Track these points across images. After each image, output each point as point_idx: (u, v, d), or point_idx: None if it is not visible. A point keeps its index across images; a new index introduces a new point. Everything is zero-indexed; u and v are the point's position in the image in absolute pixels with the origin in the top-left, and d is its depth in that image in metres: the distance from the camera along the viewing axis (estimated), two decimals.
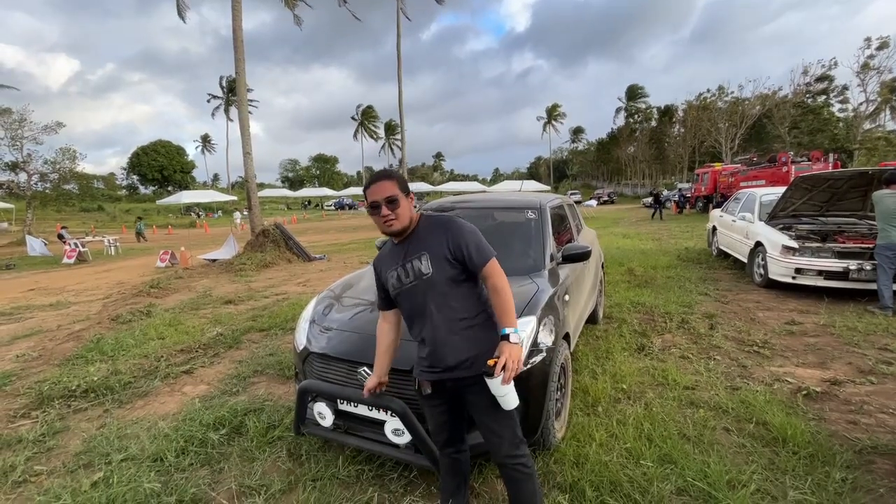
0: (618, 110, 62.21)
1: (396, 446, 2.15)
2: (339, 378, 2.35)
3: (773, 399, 3.01)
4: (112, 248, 16.51)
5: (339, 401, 2.28)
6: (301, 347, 2.61)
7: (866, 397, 3.07)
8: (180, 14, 15.01)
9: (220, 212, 44.39)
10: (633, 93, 61.00)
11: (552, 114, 73.22)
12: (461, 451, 1.88)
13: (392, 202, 1.59)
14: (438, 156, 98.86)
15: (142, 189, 66.95)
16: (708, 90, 41.86)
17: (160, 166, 62.34)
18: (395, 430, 2.11)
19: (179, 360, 4.18)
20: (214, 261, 11.30)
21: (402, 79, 24.65)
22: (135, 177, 65.53)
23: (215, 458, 2.56)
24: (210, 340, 4.71)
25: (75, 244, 14.41)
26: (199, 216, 42.91)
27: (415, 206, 1.74)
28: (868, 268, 5.13)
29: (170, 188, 62.00)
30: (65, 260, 13.79)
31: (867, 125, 34.40)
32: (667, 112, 52.67)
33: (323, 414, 2.28)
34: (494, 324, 1.64)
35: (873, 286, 5.01)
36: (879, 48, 31.23)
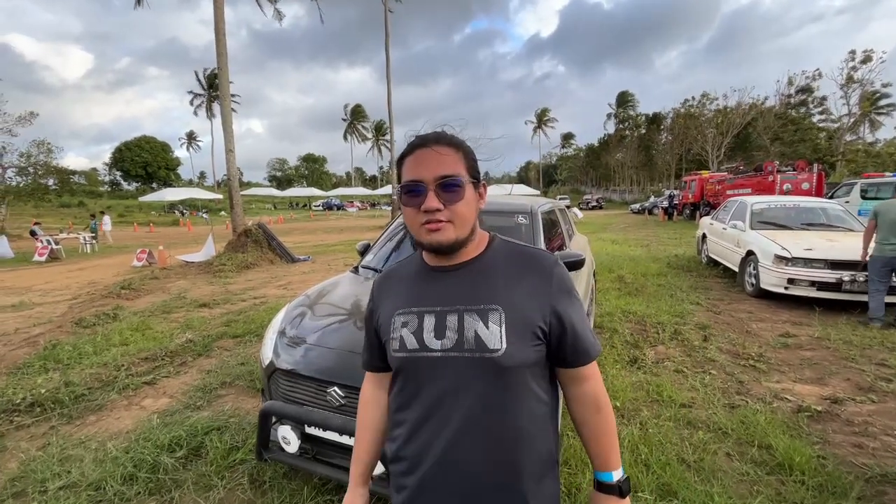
0: (608, 116, 62.92)
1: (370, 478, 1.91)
2: (306, 398, 2.10)
3: (774, 419, 2.84)
4: (88, 245, 15.91)
5: (305, 424, 2.04)
6: (266, 362, 2.35)
7: (869, 417, 2.92)
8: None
9: (205, 210, 43.50)
10: (624, 99, 61.70)
11: (542, 119, 73.67)
12: None
13: (450, 189, 0.84)
14: None
15: (125, 185, 65.62)
16: (692, 97, 42.56)
17: (144, 162, 61.21)
18: None
19: (142, 370, 3.88)
20: (188, 263, 10.89)
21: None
22: (117, 173, 64.19)
23: (167, 485, 2.28)
24: (178, 347, 4.40)
25: (47, 241, 13.82)
26: (182, 214, 42.01)
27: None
28: (861, 279, 5.04)
29: (154, 185, 60.79)
30: (35, 257, 13.20)
31: (848, 137, 35.20)
32: (655, 119, 53.35)
33: (288, 439, 2.04)
34: (556, 462, 0.93)
35: (866, 298, 4.92)
36: (864, 62, 31.98)
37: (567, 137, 76.44)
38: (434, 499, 0.87)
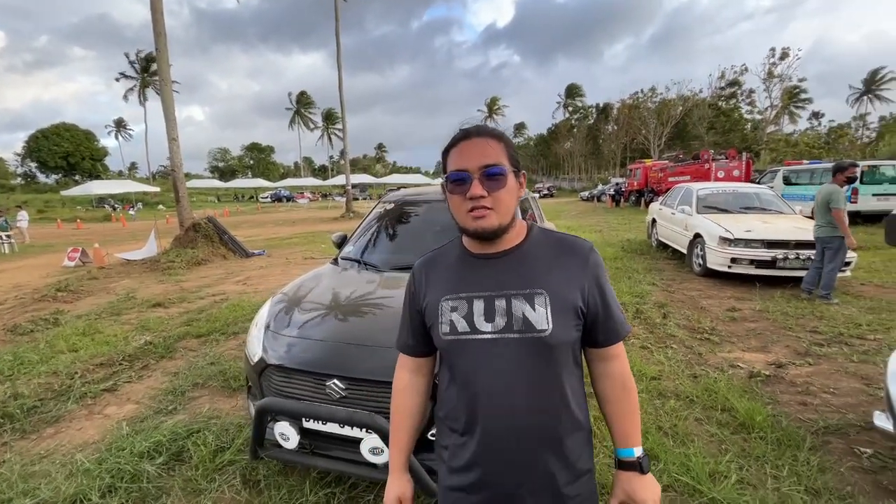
0: (558, 105, 64.71)
1: (374, 466, 1.92)
2: (302, 392, 2.06)
3: (732, 385, 3.13)
4: (6, 244, 14.32)
5: (304, 419, 2.01)
6: (256, 359, 2.27)
7: (808, 378, 3.29)
8: None
9: (139, 205, 40.29)
10: (572, 91, 63.63)
11: (492, 108, 74.41)
12: None
13: (494, 177, 0.89)
14: (381, 147, 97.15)
15: (42, 178, 59.30)
16: (641, 90, 44.68)
17: (65, 152, 55.49)
18: (373, 448, 1.87)
19: (99, 376, 3.60)
20: (129, 261, 10.10)
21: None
22: (32, 164, 57.83)
23: (152, 494, 2.17)
24: (137, 350, 4.12)
25: None
26: (114, 209, 38.73)
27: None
28: (792, 257, 5.61)
29: (77, 177, 55.45)
30: None
31: (771, 128, 38.46)
32: (604, 110, 55.54)
33: (286, 435, 2.00)
34: (590, 428, 1.01)
35: (798, 274, 5.49)
36: (782, 58, 34.93)
37: (519, 127, 77.80)
38: (500, 469, 0.93)
